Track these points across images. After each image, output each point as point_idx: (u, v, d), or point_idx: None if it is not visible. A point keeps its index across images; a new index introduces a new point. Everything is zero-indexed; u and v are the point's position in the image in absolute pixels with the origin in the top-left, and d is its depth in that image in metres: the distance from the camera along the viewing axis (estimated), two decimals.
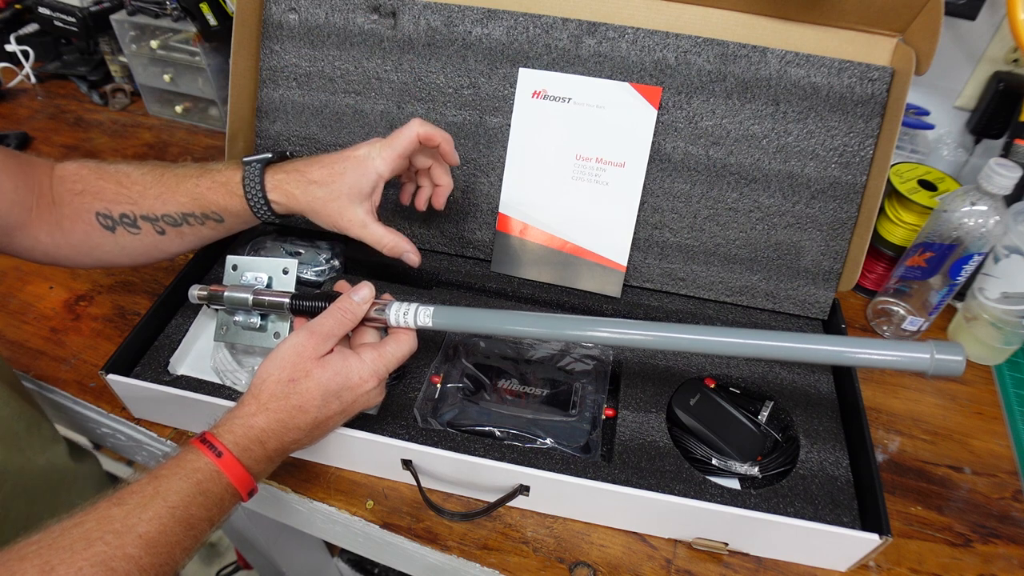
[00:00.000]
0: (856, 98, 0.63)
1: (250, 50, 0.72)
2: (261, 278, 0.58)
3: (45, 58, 1.11)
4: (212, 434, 0.45)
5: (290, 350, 0.48)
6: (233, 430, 0.46)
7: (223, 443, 0.45)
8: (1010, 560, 0.56)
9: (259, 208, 0.57)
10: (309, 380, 0.47)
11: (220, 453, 0.44)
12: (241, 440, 0.45)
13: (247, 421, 0.46)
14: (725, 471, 0.57)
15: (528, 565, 0.53)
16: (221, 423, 0.46)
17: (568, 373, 0.63)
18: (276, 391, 0.47)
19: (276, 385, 0.47)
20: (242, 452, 0.45)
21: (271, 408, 0.47)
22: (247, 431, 0.46)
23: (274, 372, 0.48)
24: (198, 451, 0.44)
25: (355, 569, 1.19)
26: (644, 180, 0.67)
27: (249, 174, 0.56)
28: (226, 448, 0.44)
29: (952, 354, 0.43)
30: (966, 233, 0.63)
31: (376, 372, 0.49)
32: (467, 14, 0.67)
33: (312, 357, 0.48)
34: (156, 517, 0.40)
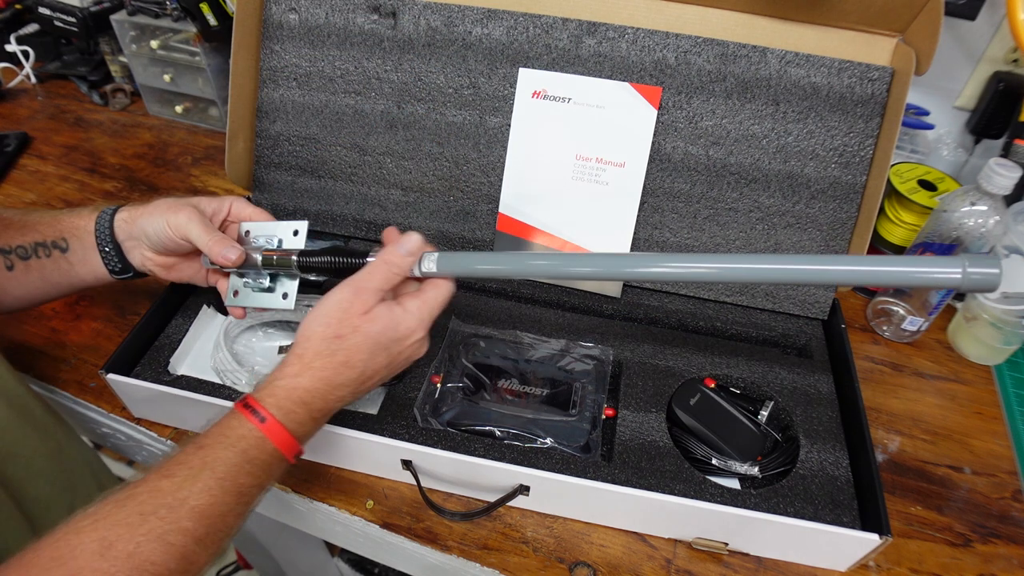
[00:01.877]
0: (856, 98, 0.63)
1: (250, 50, 0.72)
2: (272, 240, 0.58)
3: (45, 58, 1.11)
4: (255, 398, 0.44)
5: (335, 306, 0.46)
6: (276, 393, 0.44)
7: (266, 408, 0.43)
8: (1010, 560, 0.56)
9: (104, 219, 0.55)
10: (356, 335, 0.46)
11: (263, 419, 0.43)
12: (284, 403, 0.44)
13: (290, 383, 0.45)
14: (725, 471, 0.57)
15: (528, 565, 0.53)
16: (264, 385, 0.45)
17: (568, 373, 0.63)
18: (321, 348, 0.45)
19: (321, 342, 0.46)
20: (286, 416, 0.44)
21: (315, 366, 0.45)
22: (290, 393, 0.44)
23: (318, 329, 0.46)
24: (241, 417, 0.43)
25: (355, 569, 1.19)
26: (644, 180, 0.67)
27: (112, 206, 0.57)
28: (269, 413, 0.43)
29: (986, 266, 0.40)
30: (966, 233, 0.63)
31: (422, 321, 0.48)
32: (467, 14, 0.67)
33: (358, 312, 0.46)
34: (206, 489, 0.40)
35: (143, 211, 0.56)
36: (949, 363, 0.72)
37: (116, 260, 0.57)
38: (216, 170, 0.93)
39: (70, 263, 0.57)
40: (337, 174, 0.75)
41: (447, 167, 0.72)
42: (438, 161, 0.72)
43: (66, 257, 0.56)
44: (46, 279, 0.57)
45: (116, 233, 0.56)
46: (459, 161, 0.71)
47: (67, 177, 0.92)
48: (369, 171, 0.74)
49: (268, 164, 0.76)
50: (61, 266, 0.56)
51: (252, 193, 0.77)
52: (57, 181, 0.91)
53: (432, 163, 0.72)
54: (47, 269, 0.56)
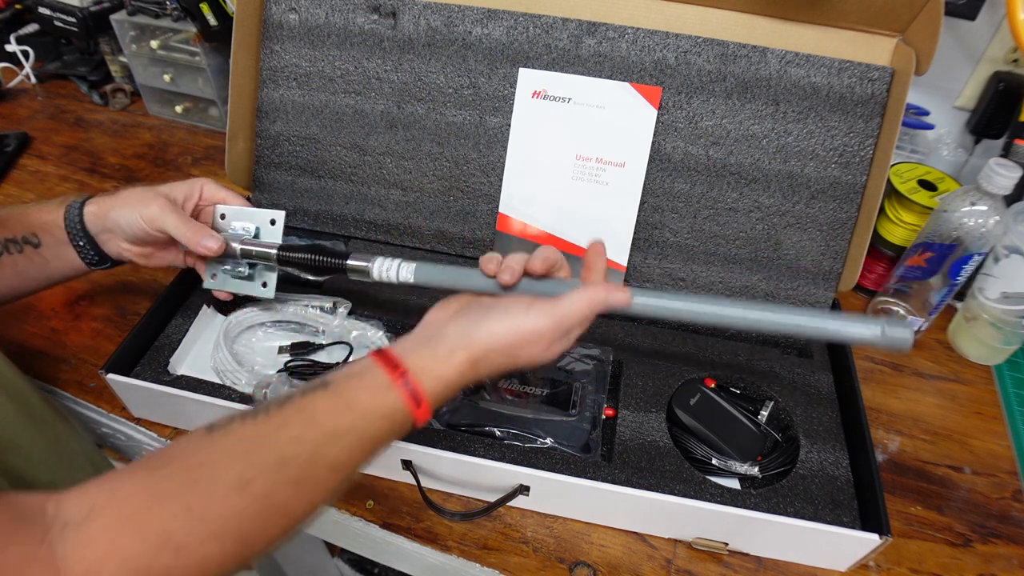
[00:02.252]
0: (856, 98, 0.63)
1: (250, 50, 0.72)
2: (249, 228, 0.58)
3: (45, 58, 1.11)
4: (416, 379, 0.43)
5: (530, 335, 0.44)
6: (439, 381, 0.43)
7: (425, 392, 0.43)
8: (1010, 560, 0.56)
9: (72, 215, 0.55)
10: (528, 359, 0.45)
11: (420, 404, 0.43)
12: (442, 393, 0.44)
13: (453, 379, 0.44)
14: (725, 471, 0.57)
15: (528, 565, 0.53)
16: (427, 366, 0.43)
17: (568, 373, 0.63)
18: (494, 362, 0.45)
19: (498, 357, 0.45)
20: (437, 402, 0.44)
21: (480, 372, 0.45)
22: (449, 386, 0.44)
23: (502, 347, 0.44)
24: (397, 394, 0.42)
25: (355, 569, 1.19)
26: (644, 180, 0.67)
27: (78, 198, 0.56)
28: (427, 401, 0.43)
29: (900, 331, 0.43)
30: (966, 233, 0.63)
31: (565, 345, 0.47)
32: (467, 14, 0.67)
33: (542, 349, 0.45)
34: (347, 448, 0.40)
35: (113, 203, 0.55)
36: (949, 363, 0.72)
37: (92, 252, 0.57)
38: (216, 170, 0.93)
39: (44, 258, 0.56)
40: (337, 174, 0.75)
41: (447, 167, 0.72)
42: (438, 161, 0.72)
43: (40, 252, 0.56)
44: (21, 274, 0.56)
45: (88, 226, 0.56)
46: (459, 161, 0.71)
47: (67, 177, 0.92)
48: (369, 171, 0.74)
49: (268, 164, 0.76)
50: (35, 261, 0.56)
51: (252, 193, 0.77)
52: (57, 181, 0.91)
53: (432, 163, 0.72)
54: (20, 265, 0.56)
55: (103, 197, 0.56)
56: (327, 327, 0.65)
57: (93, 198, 0.56)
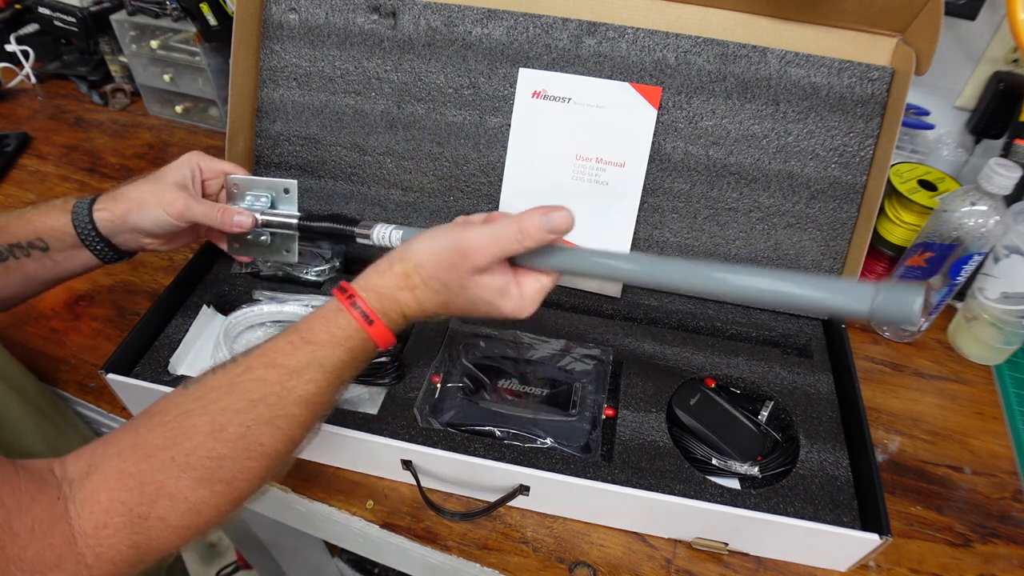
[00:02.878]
0: (856, 98, 0.63)
1: (250, 50, 0.72)
2: (263, 200, 0.60)
3: (45, 58, 1.11)
4: (363, 298, 0.45)
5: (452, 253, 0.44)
6: (381, 298, 0.45)
7: (373, 311, 0.44)
8: (1010, 560, 0.56)
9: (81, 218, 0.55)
10: (463, 292, 0.45)
11: (372, 322, 0.44)
12: (389, 311, 0.45)
13: (394, 294, 0.45)
14: (725, 471, 0.57)
15: (528, 565, 0.53)
16: (367, 287, 0.45)
17: (568, 373, 0.63)
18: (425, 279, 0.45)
19: (427, 274, 0.45)
20: (390, 321, 0.45)
21: (416, 290, 0.46)
22: (393, 304, 0.45)
23: (428, 260, 0.45)
24: (350, 317, 0.44)
25: (355, 569, 1.19)
26: (644, 180, 0.67)
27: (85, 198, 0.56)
28: (377, 317, 0.44)
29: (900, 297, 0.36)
30: (966, 233, 0.63)
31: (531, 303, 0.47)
32: (467, 14, 0.67)
33: (469, 270, 0.44)
34: (313, 380, 0.42)
35: (127, 206, 0.55)
36: (949, 363, 0.72)
37: (108, 251, 0.57)
38: None
39: (55, 260, 0.56)
40: (337, 174, 0.75)
41: (447, 167, 0.72)
42: (438, 161, 0.72)
43: (49, 255, 0.56)
44: (29, 277, 0.56)
45: (101, 229, 0.55)
46: (459, 161, 0.71)
47: (67, 177, 0.92)
48: (369, 171, 0.74)
49: (268, 164, 0.76)
50: (45, 264, 0.56)
51: None
52: (57, 181, 0.91)
53: (432, 163, 0.72)
54: (28, 268, 0.56)
55: (110, 200, 0.56)
56: None
57: (100, 200, 0.56)
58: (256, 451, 0.40)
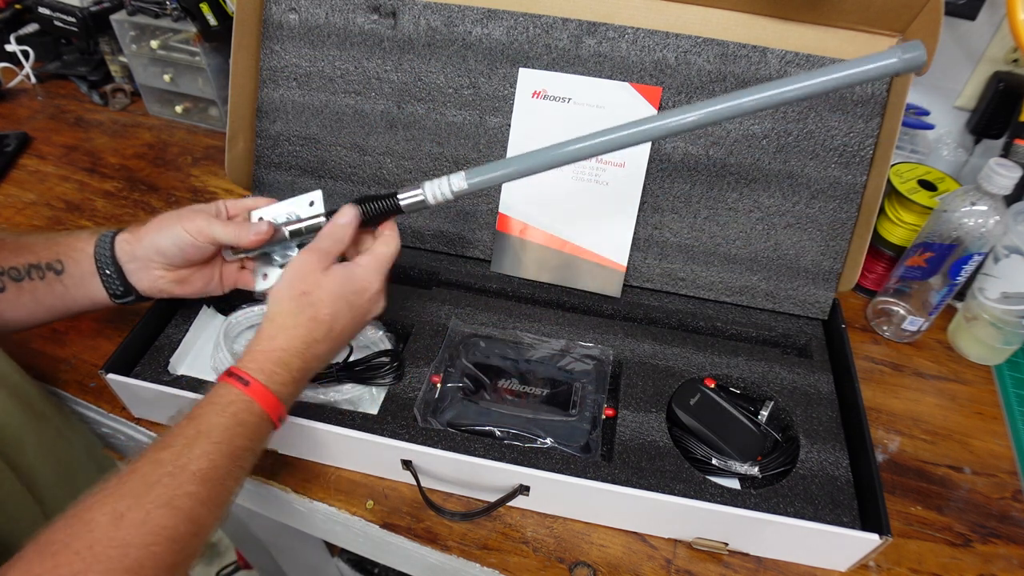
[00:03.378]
0: (856, 98, 0.63)
1: (250, 50, 0.72)
2: (291, 213, 0.58)
3: (45, 58, 1.11)
4: (237, 366, 0.47)
5: (295, 270, 0.51)
6: (256, 358, 0.47)
7: (247, 372, 0.46)
8: (1010, 560, 0.56)
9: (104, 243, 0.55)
10: (320, 291, 0.50)
11: (247, 382, 0.46)
12: (265, 366, 0.47)
13: (267, 345, 0.48)
14: (725, 471, 0.57)
15: (528, 565, 0.53)
16: (244, 354, 0.48)
17: (568, 373, 0.63)
18: (290, 308, 0.49)
19: (289, 303, 0.49)
20: (268, 378, 0.46)
21: (288, 326, 0.48)
22: (268, 356, 0.47)
23: (285, 291, 0.50)
24: (227, 385, 0.46)
25: (355, 569, 1.19)
26: (644, 180, 0.67)
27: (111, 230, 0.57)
28: (252, 377, 0.46)
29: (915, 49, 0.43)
30: (966, 233, 0.63)
31: (377, 272, 0.53)
32: (467, 14, 0.67)
33: (317, 270, 0.50)
34: (204, 454, 0.42)
35: (147, 229, 0.55)
36: (949, 363, 0.72)
37: (118, 283, 0.56)
38: (216, 170, 0.93)
39: (65, 286, 0.56)
40: (337, 174, 0.75)
41: (447, 167, 0.72)
42: (438, 161, 0.72)
43: (60, 280, 0.55)
44: (39, 302, 0.56)
45: (118, 255, 0.55)
46: (459, 161, 0.71)
47: (67, 177, 0.92)
48: (369, 171, 0.74)
49: (268, 164, 0.76)
50: (55, 289, 0.55)
51: (252, 193, 0.77)
52: (57, 181, 0.91)
53: (432, 163, 0.72)
54: (40, 292, 0.55)
55: (134, 228, 0.56)
56: None
57: (127, 230, 0.56)
58: (160, 535, 0.39)
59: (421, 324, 0.66)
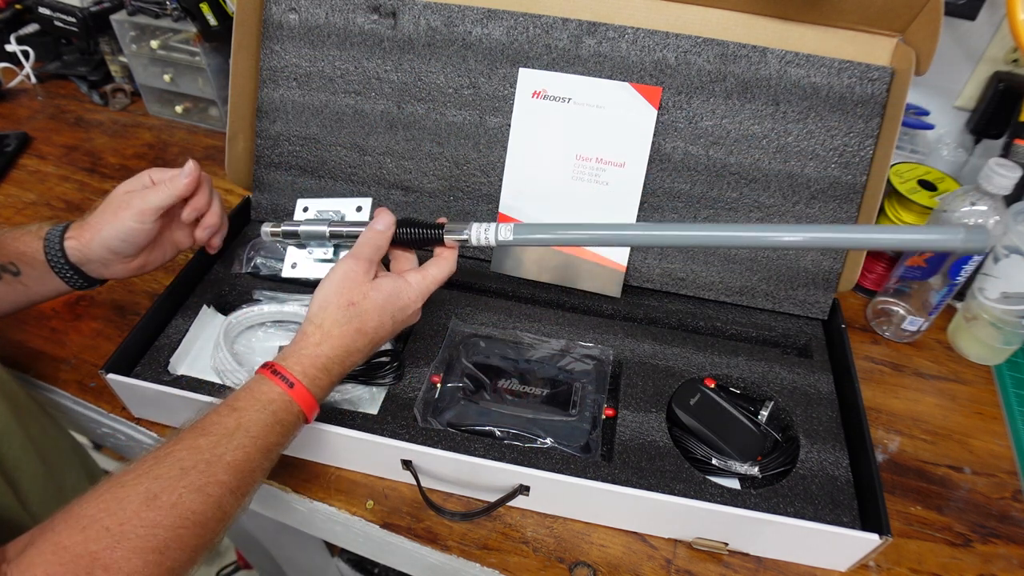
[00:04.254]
0: (856, 98, 0.63)
1: (250, 50, 0.72)
2: (336, 212, 0.60)
3: (45, 58, 1.11)
4: (282, 366, 0.48)
5: (343, 277, 0.51)
6: (302, 361, 0.48)
7: (293, 375, 0.48)
8: (1010, 560, 0.56)
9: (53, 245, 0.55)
10: (367, 302, 0.50)
11: (292, 384, 0.47)
12: (309, 370, 0.48)
13: (314, 351, 0.49)
14: (725, 471, 0.57)
15: (528, 565, 0.53)
16: (289, 354, 0.49)
17: (568, 373, 0.63)
18: (338, 317, 0.50)
19: (337, 311, 0.50)
20: (311, 382, 0.48)
21: (334, 335, 0.49)
22: (314, 361, 0.49)
23: (333, 298, 0.50)
24: (271, 383, 0.47)
25: (355, 569, 1.19)
26: (644, 180, 0.67)
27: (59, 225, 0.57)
28: (297, 380, 0.47)
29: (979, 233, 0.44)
30: None
31: (421, 293, 0.54)
32: (467, 14, 0.67)
33: (365, 280, 0.51)
34: (240, 447, 0.44)
35: (92, 231, 0.56)
36: (949, 363, 0.72)
37: (79, 280, 0.58)
38: (216, 170, 0.93)
39: (25, 285, 0.57)
40: (337, 174, 0.75)
41: (447, 167, 0.72)
42: (438, 161, 0.72)
43: (19, 280, 0.56)
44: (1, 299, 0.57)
45: (71, 259, 0.56)
46: (459, 161, 0.71)
47: (67, 177, 0.92)
48: (369, 171, 0.74)
49: (268, 164, 0.76)
50: (16, 288, 0.57)
51: (252, 193, 0.77)
52: (57, 181, 0.91)
53: (432, 163, 0.72)
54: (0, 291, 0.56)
55: (79, 229, 0.56)
56: None
57: (71, 229, 0.56)
58: (188, 519, 0.40)
59: (421, 324, 0.66)
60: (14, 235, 0.57)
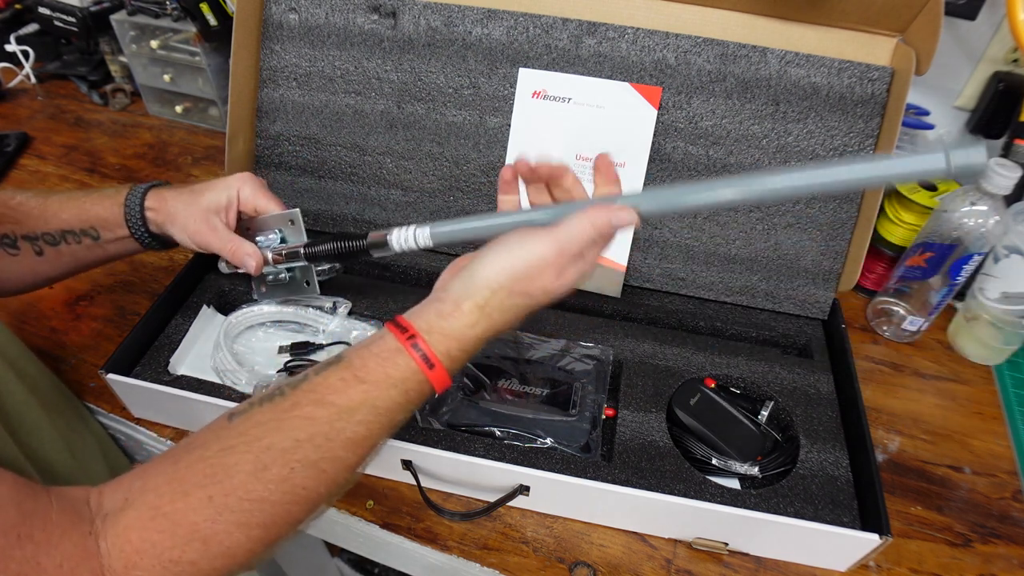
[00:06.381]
0: (856, 98, 0.63)
1: (250, 50, 0.72)
2: (272, 237, 0.61)
3: (45, 58, 1.11)
4: (426, 341, 0.42)
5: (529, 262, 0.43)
6: (447, 339, 0.42)
7: (437, 355, 0.41)
8: (1010, 560, 0.56)
9: (133, 214, 0.57)
10: (544, 297, 0.44)
11: (432, 365, 0.41)
12: (454, 351, 0.42)
13: (467, 332, 0.43)
14: (725, 471, 0.57)
15: (528, 565, 0.53)
16: (434, 325, 0.42)
17: (568, 373, 0.63)
18: (505, 303, 0.43)
19: (507, 297, 0.43)
20: (452, 363, 0.42)
21: (494, 318, 0.43)
22: (461, 343, 0.43)
23: (506, 282, 0.43)
24: (409, 359, 0.41)
25: (355, 569, 1.19)
26: (644, 180, 0.67)
27: (135, 190, 0.58)
28: (439, 361, 0.42)
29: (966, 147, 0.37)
30: (966, 233, 0.63)
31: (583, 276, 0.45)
32: (467, 14, 0.67)
33: (554, 275, 0.43)
34: (364, 422, 0.40)
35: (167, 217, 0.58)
36: (949, 363, 0.72)
37: (156, 244, 0.60)
38: (216, 170, 0.93)
39: (104, 248, 0.59)
40: (337, 174, 0.75)
41: (447, 167, 0.72)
42: (438, 161, 0.72)
43: (99, 244, 0.59)
44: (79, 260, 0.59)
45: (150, 228, 0.59)
46: (459, 161, 0.71)
47: (67, 177, 0.92)
48: (369, 171, 0.74)
49: (268, 164, 0.76)
50: (94, 250, 0.59)
51: None
52: (57, 181, 0.91)
53: (432, 163, 0.72)
54: (79, 253, 0.58)
55: (158, 201, 0.58)
56: (327, 327, 0.65)
57: (150, 199, 0.58)
58: (298, 495, 0.38)
59: None
60: (92, 199, 0.58)
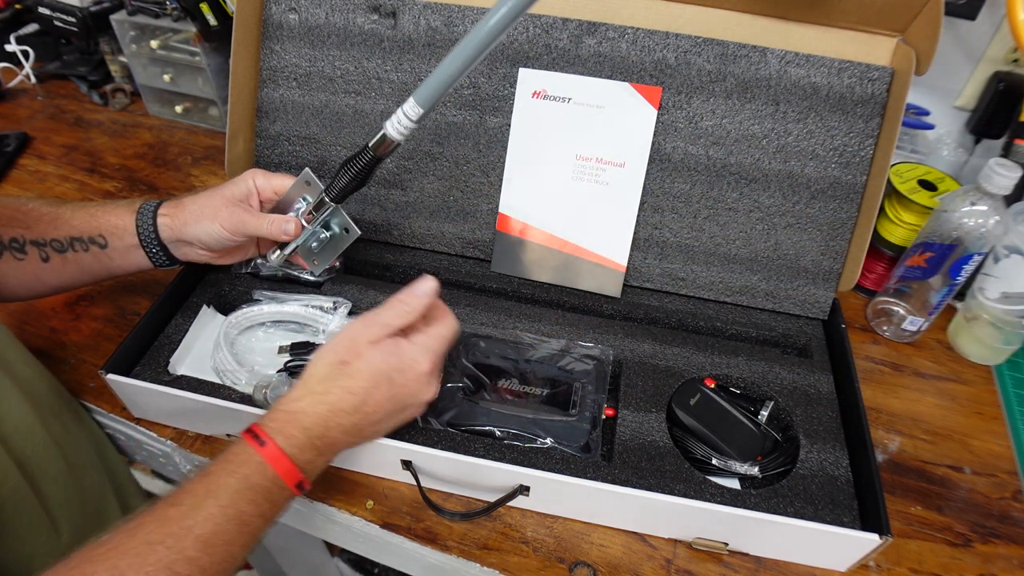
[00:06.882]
0: (856, 98, 0.63)
1: (250, 50, 0.72)
2: (298, 207, 0.62)
3: (45, 58, 1.11)
4: (259, 424, 0.44)
5: (344, 336, 0.48)
6: (277, 417, 0.45)
7: (267, 432, 0.44)
8: (1010, 560, 0.56)
9: (145, 221, 0.57)
10: (360, 361, 0.47)
11: (263, 443, 0.43)
12: (284, 428, 0.44)
13: (291, 406, 0.45)
14: (725, 471, 0.57)
15: (528, 565, 0.53)
16: (268, 412, 0.46)
17: (568, 373, 0.63)
18: (324, 373, 0.47)
19: (326, 367, 0.47)
20: (286, 440, 0.44)
21: (317, 391, 0.46)
22: (290, 417, 0.45)
23: (326, 355, 0.48)
24: (244, 443, 0.43)
25: (355, 569, 1.19)
26: (644, 180, 0.67)
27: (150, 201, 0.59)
28: (269, 438, 0.43)
29: None
30: (966, 233, 0.63)
31: (426, 352, 0.49)
32: (467, 14, 0.67)
33: (366, 341, 0.48)
34: (210, 517, 0.40)
35: (186, 218, 0.58)
36: (949, 363, 0.72)
37: (163, 257, 0.60)
38: (216, 170, 0.93)
39: (110, 257, 0.59)
40: None
41: (447, 167, 0.72)
42: (438, 161, 0.72)
43: (106, 253, 0.58)
44: (84, 270, 0.59)
45: (161, 236, 0.58)
46: (459, 161, 0.71)
47: (67, 177, 0.92)
48: None
49: (268, 164, 0.76)
50: (100, 260, 0.59)
51: None
52: (57, 181, 0.91)
53: (432, 163, 0.72)
54: (85, 262, 0.58)
55: (173, 207, 0.59)
56: (327, 327, 0.65)
57: (164, 207, 0.59)
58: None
59: None
60: (105, 208, 0.58)
